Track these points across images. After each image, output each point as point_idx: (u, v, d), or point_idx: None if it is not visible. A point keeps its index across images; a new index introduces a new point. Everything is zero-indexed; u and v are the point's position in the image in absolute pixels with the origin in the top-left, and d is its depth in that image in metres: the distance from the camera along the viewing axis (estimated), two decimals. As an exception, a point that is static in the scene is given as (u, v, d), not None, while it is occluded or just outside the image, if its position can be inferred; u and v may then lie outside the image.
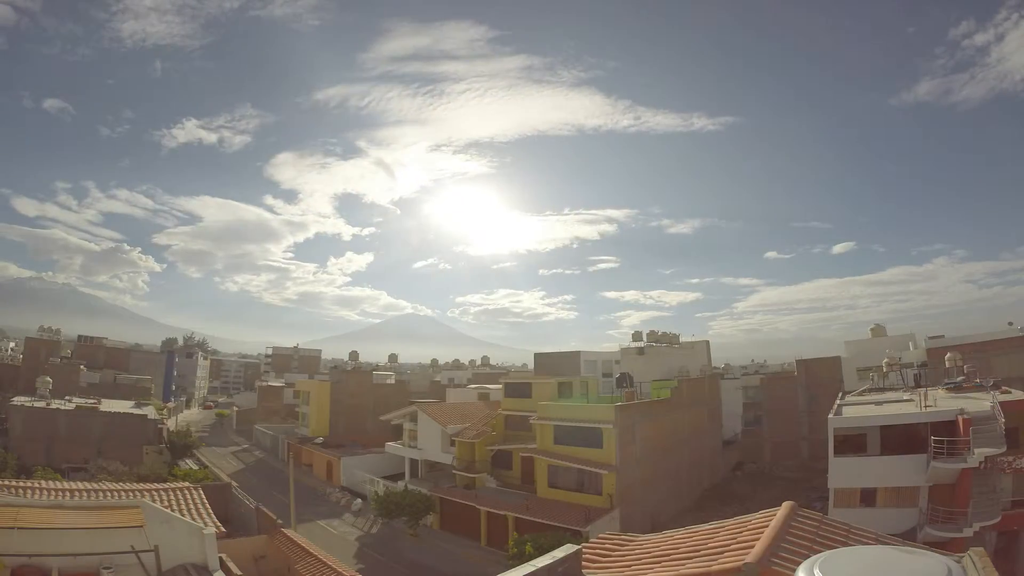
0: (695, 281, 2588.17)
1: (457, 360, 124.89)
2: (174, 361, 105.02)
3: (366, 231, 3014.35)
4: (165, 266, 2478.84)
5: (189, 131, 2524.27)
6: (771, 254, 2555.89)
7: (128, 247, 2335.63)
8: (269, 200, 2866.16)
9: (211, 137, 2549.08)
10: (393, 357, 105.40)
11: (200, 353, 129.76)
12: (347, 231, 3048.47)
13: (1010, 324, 46.73)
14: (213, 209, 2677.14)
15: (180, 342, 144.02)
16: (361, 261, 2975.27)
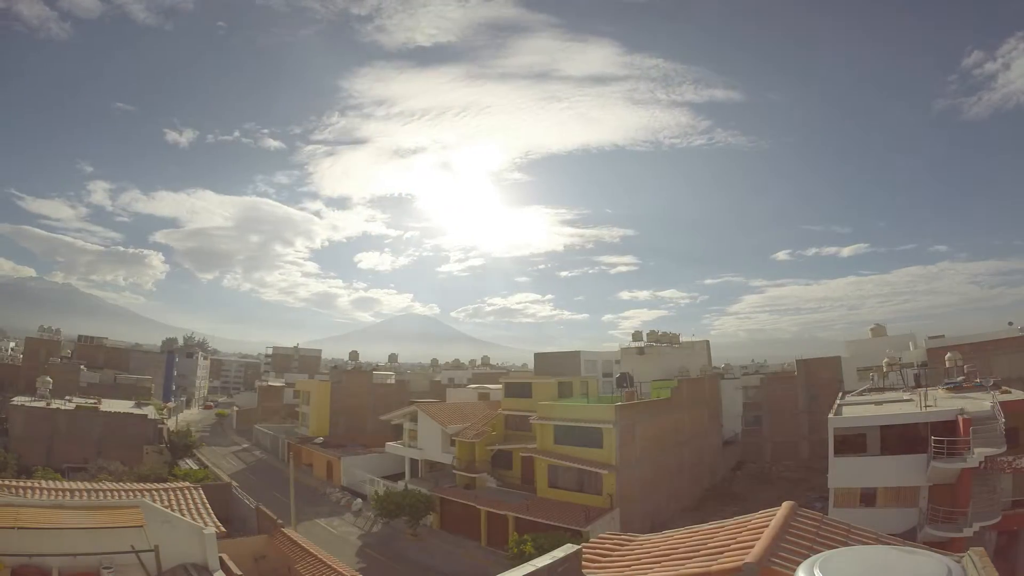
0: (709, 282, 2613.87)
1: (457, 360, 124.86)
2: (174, 361, 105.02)
3: (408, 234, 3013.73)
4: (174, 267, 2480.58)
5: (260, 140, 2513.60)
6: (781, 255, 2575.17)
7: (134, 248, 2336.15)
8: (317, 205, 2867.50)
9: (279, 145, 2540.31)
10: (393, 357, 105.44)
11: (200, 353, 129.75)
12: (389, 233, 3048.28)
13: (1010, 324, 46.71)
14: (254, 210, 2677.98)
15: (180, 342, 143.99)
16: (394, 263, 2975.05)
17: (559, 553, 5.87)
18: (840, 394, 40.43)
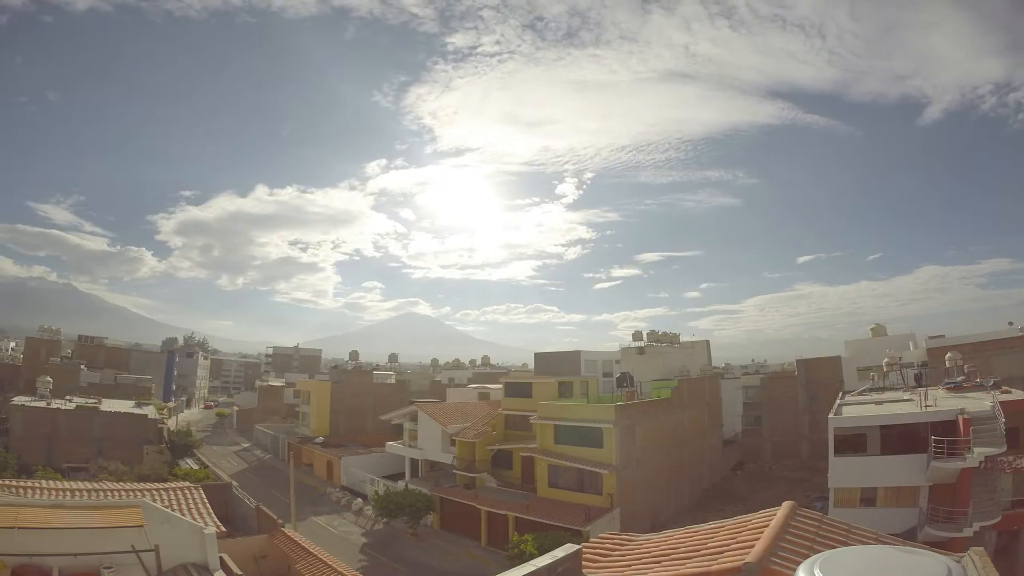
0: (728, 286, 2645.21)
1: (457, 360, 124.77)
2: (174, 361, 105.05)
3: (470, 241, 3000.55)
4: (201, 269, 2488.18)
5: (394, 158, 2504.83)
6: (803, 259, 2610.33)
7: (137, 249, 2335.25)
8: (407, 212, 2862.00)
9: (407, 164, 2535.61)
10: (393, 357, 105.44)
11: (200, 353, 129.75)
12: (450, 242, 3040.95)
13: (1010, 324, 46.65)
14: (327, 208, 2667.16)
15: (180, 342, 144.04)
16: (441, 268, 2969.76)
17: (559, 553, 5.86)
18: (840, 394, 40.45)
